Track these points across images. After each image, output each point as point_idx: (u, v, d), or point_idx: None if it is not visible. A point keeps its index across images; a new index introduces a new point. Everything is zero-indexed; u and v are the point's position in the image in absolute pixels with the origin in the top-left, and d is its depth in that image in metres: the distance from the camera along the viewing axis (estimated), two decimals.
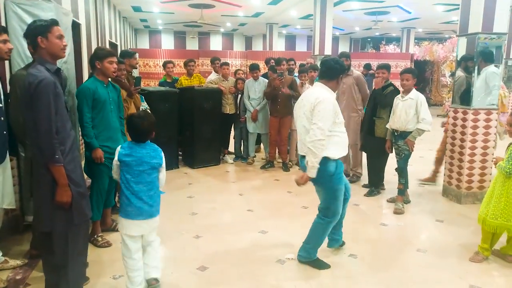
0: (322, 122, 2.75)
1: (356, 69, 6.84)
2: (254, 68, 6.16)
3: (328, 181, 2.91)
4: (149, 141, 2.63)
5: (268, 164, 6.11)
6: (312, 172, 2.80)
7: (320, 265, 3.07)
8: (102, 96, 3.25)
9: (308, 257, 3.09)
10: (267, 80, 6.14)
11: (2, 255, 2.94)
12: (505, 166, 2.99)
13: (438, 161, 5.30)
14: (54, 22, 2.35)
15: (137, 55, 5.11)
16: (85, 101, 3.18)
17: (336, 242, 3.35)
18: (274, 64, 6.21)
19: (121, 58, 4.56)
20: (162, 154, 2.64)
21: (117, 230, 3.65)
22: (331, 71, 2.96)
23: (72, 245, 2.40)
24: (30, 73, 2.21)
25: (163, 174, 2.65)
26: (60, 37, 2.37)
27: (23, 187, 3.21)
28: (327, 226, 3.03)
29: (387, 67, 4.70)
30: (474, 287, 2.83)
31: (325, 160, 2.84)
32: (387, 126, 4.48)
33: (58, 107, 2.24)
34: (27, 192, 3.17)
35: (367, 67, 9.48)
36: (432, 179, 5.37)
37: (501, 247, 3.24)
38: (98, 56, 3.27)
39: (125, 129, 3.64)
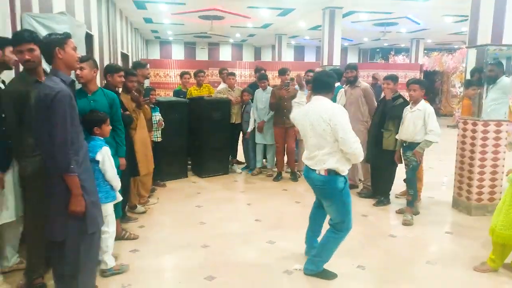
0: (348, 131, 2.78)
1: (364, 80, 6.86)
2: (262, 78, 6.18)
3: (339, 197, 2.93)
4: (96, 137, 2.93)
5: (280, 176, 6.10)
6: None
7: (328, 275, 3.07)
8: (79, 106, 2.86)
9: (316, 269, 3.08)
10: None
11: (18, 257, 3.03)
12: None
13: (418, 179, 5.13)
14: (69, 35, 2.44)
15: (148, 65, 5.17)
16: None
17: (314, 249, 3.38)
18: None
19: (134, 69, 4.61)
20: (102, 150, 2.87)
21: (127, 239, 3.69)
22: (327, 85, 2.98)
23: (84, 255, 2.43)
24: (46, 85, 2.26)
25: (104, 169, 2.88)
26: (75, 49, 2.45)
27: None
28: (341, 240, 3.04)
29: (392, 78, 4.65)
30: None
31: (334, 177, 2.88)
32: (397, 137, 4.48)
33: (73, 118, 2.29)
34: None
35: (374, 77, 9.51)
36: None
37: (511, 261, 3.20)
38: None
39: (124, 139, 3.55)
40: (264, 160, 6.51)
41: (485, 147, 4.42)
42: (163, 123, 5.18)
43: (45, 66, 2.68)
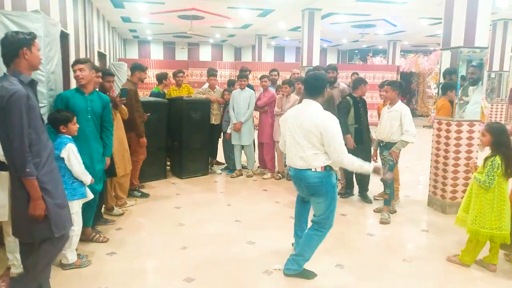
0: (338, 141, 2.81)
1: (343, 81, 6.95)
2: (242, 76, 6.06)
3: (331, 192, 2.95)
4: (63, 135, 3.00)
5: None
6: (367, 169, 2.95)
7: (308, 274, 3.08)
8: (78, 106, 3.25)
9: (298, 269, 3.09)
10: (252, 91, 6.09)
11: None
12: (485, 180, 3.08)
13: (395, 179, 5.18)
14: (35, 36, 2.39)
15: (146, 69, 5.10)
16: (55, 108, 3.22)
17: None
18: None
19: (132, 71, 4.83)
20: (67, 147, 2.95)
21: (96, 241, 3.62)
22: (315, 89, 2.99)
23: (44, 258, 2.40)
24: (2, 86, 2.20)
25: (70, 165, 2.96)
26: (39, 50, 2.42)
27: None
28: (323, 237, 3.06)
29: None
30: None
31: (329, 172, 2.92)
32: (374, 136, 4.56)
33: (31, 119, 2.22)
34: None
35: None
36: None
37: (484, 257, 3.30)
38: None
39: (112, 140, 3.65)
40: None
41: (458, 147, 4.55)
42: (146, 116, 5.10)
43: None
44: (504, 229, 3.06)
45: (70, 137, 3.05)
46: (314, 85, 2.98)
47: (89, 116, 3.35)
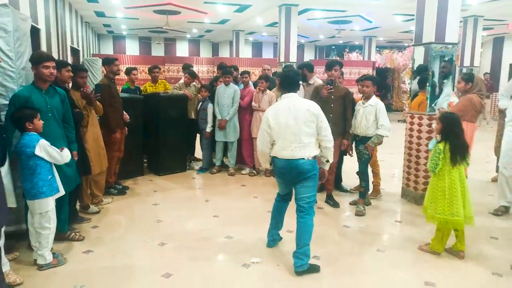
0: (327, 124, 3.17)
1: (320, 77, 7.02)
2: (227, 72, 5.93)
3: (316, 175, 3.18)
4: (31, 133, 2.97)
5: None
6: (328, 166, 3.27)
7: (315, 268, 3.15)
8: (37, 104, 3.08)
9: (308, 259, 3.12)
10: (237, 87, 5.99)
11: None
12: (429, 165, 3.33)
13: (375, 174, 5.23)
14: None
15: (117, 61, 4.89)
16: (13, 108, 3.03)
17: (275, 242, 3.58)
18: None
19: (103, 65, 4.60)
20: (40, 143, 2.94)
21: (72, 239, 3.59)
22: (296, 83, 3.25)
23: None
24: None
25: (52, 158, 3.02)
26: None
27: None
28: (313, 219, 3.21)
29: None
30: (428, 283, 2.99)
31: (315, 160, 3.15)
32: (350, 130, 4.64)
33: None
34: None
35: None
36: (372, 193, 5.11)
37: (452, 245, 3.44)
38: (33, 61, 3.14)
39: (74, 135, 3.55)
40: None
41: (430, 140, 4.68)
42: (128, 116, 5.06)
43: None
44: (457, 215, 3.23)
45: (37, 134, 3.00)
46: (296, 80, 3.25)
47: (50, 114, 3.20)
